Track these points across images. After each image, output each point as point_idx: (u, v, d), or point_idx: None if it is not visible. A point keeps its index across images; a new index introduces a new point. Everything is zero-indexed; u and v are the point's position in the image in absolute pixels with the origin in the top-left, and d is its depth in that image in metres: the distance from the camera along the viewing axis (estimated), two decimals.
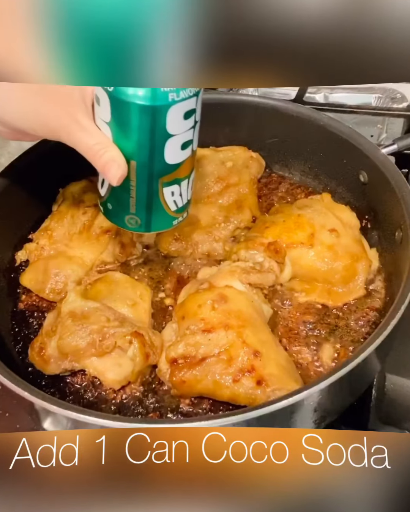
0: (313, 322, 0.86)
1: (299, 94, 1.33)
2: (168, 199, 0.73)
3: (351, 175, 0.99)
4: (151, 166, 0.68)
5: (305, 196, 1.07)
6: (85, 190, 0.99)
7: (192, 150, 0.71)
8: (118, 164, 0.66)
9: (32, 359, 0.82)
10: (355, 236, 0.92)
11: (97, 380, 0.81)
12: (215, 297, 0.80)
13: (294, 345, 0.84)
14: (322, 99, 1.37)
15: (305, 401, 0.64)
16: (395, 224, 0.85)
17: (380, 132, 1.27)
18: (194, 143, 0.71)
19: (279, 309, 0.88)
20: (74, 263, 0.93)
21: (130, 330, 0.77)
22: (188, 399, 0.78)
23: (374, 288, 0.89)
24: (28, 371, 0.83)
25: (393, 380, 0.83)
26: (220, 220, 0.98)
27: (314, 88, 1.37)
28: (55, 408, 0.64)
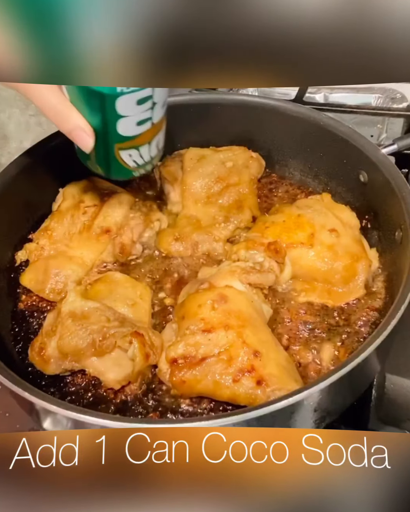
0: (313, 322, 0.86)
1: (299, 94, 1.33)
2: (126, 159, 0.78)
3: (351, 175, 0.99)
4: (105, 137, 0.73)
5: (305, 196, 1.07)
6: (85, 190, 0.99)
7: (152, 123, 0.75)
8: (87, 134, 0.69)
9: (32, 359, 0.82)
10: (355, 236, 0.92)
11: (97, 380, 0.81)
12: (215, 297, 0.80)
13: (294, 345, 0.84)
14: (322, 99, 1.37)
15: (305, 401, 0.64)
16: (395, 224, 0.85)
17: (380, 132, 1.27)
18: (156, 117, 0.75)
19: (279, 309, 0.88)
20: (74, 263, 0.93)
21: (130, 330, 0.77)
22: (188, 399, 0.78)
23: (374, 288, 0.89)
24: (28, 371, 0.83)
25: (393, 380, 0.83)
26: (220, 220, 0.98)
27: (314, 88, 1.37)
28: (55, 408, 0.64)
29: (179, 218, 1.01)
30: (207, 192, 1.01)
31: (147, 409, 0.78)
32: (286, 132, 1.07)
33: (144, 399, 0.79)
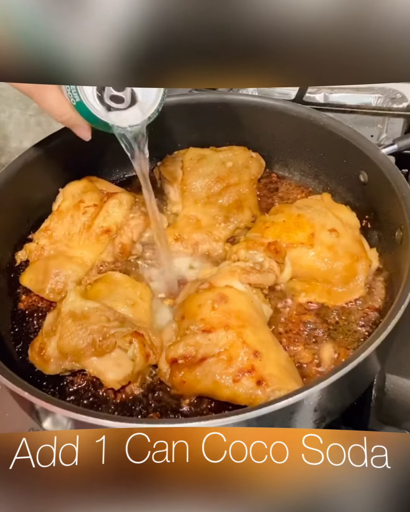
0: (313, 322, 0.86)
1: (299, 94, 1.33)
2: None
3: (351, 175, 0.99)
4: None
5: (305, 196, 1.07)
6: (85, 190, 0.99)
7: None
8: (85, 128, 0.80)
9: (32, 359, 0.82)
10: (355, 236, 0.92)
11: (97, 380, 0.80)
12: (215, 297, 0.80)
13: (294, 345, 0.84)
14: (322, 99, 1.37)
15: (305, 401, 0.64)
16: (395, 224, 0.85)
17: (380, 132, 1.27)
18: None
19: (279, 309, 0.88)
20: (74, 263, 0.93)
21: (130, 330, 0.77)
22: (188, 399, 0.78)
23: (374, 288, 0.89)
24: (28, 371, 0.83)
25: (393, 380, 0.83)
26: (220, 220, 0.98)
27: (314, 88, 1.37)
28: (55, 408, 0.64)
29: (180, 218, 1.01)
30: (207, 192, 1.01)
31: (147, 409, 0.78)
32: (286, 132, 1.07)
33: (144, 399, 0.79)
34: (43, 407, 0.64)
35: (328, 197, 0.97)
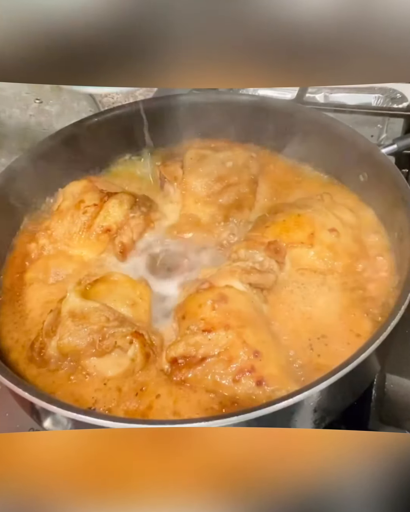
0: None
1: (299, 94, 1.33)
2: None
3: (351, 175, 0.99)
4: None
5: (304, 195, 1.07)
6: (85, 190, 0.99)
7: None
8: None
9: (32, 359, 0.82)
10: (355, 236, 0.92)
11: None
12: (215, 297, 0.79)
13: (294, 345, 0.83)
14: (322, 99, 1.37)
15: (305, 401, 0.64)
16: (395, 224, 0.85)
17: (380, 132, 1.27)
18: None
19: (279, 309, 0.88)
20: (74, 263, 0.93)
21: (130, 330, 0.77)
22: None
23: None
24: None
25: (393, 380, 0.83)
26: (219, 219, 0.98)
27: (314, 88, 1.37)
28: (55, 408, 0.64)
29: (180, 217, 1.01)
30: (207, 191, 1.01)
31: None
32: (286, 132, 1.07)
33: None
34: (43, 407, 0.64)
35: (328, 197, 0.97)
